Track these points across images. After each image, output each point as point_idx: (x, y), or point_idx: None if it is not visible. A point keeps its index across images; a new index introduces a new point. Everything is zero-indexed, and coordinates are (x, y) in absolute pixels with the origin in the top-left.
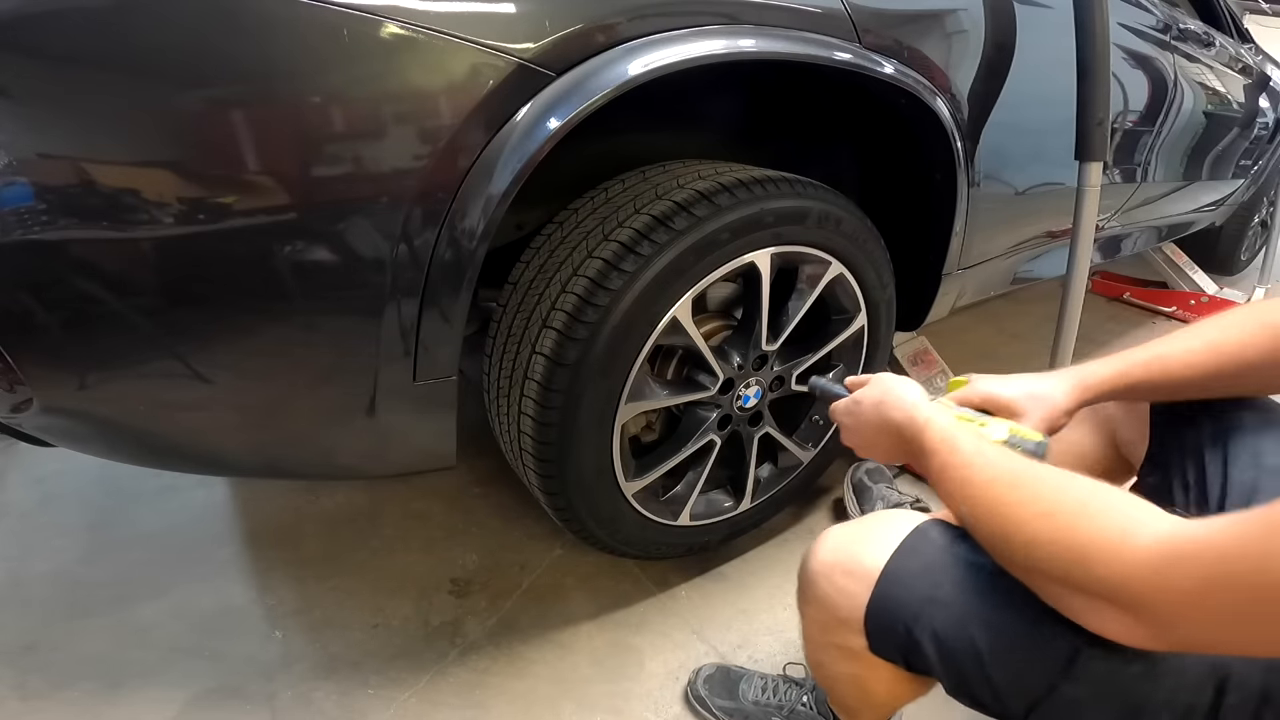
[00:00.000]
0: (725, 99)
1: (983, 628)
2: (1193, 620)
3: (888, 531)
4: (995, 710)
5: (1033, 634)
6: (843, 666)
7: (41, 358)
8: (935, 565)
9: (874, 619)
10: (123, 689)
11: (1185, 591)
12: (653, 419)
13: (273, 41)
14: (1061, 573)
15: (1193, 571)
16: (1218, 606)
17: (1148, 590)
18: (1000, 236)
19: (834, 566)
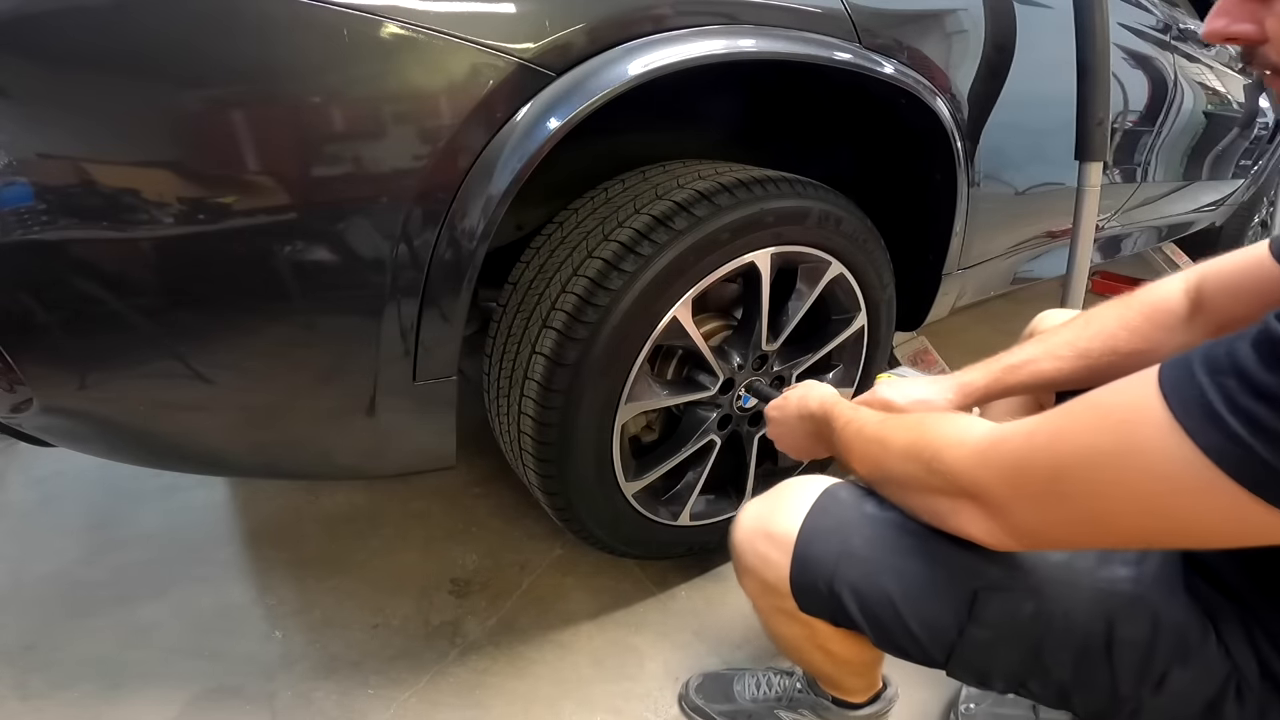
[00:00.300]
0: (725, 99)
1: (893, 577)
2: (1019, 506)
3: (800, 495)
4: (922, 659)
5: (935, 579)
6: (793, 629)
7: (41, 358)
8: (846, 522)
9: (797, 579)
10: (123, 689)
11: (1004, 476)
12: (653, 419)
13: (273, 41)
14: (920, 480)
15: (1006, 457)
16: (1031, 489)
17: (978, 478)
18: (1000, 236)
19: (755, 534)
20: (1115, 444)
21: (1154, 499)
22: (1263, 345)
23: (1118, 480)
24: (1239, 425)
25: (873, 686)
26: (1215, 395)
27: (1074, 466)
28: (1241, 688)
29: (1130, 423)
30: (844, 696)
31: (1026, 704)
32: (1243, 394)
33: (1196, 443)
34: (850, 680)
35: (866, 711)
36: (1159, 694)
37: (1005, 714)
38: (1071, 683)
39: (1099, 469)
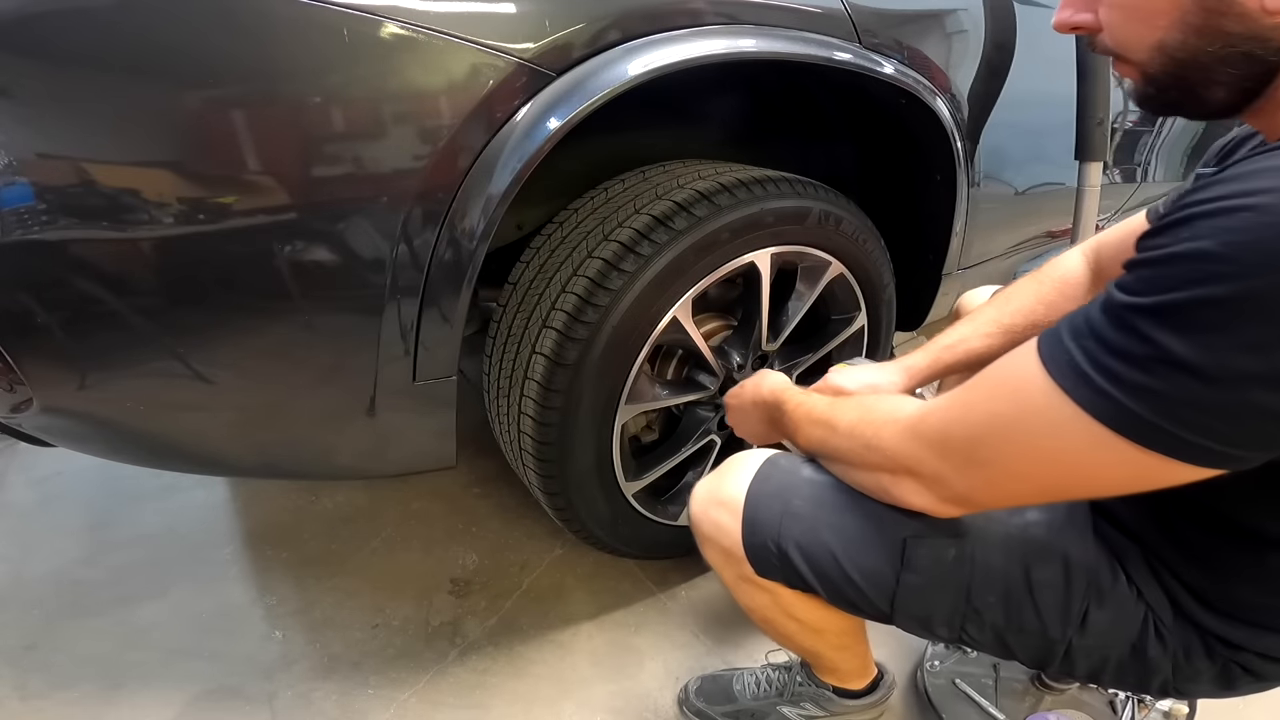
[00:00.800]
0: (726, 99)
1: (832, 532)
2: (948, 474)
3: (745, 465)
4: (870, 612)
5: (868, 531)
6: (759, 598)
7: (41, 358)
8: (786, 485)
9: (748, 541)
10: (123, 689)
11: (930, 449)
12: (653, 419)
13: (273, 41)
14: (862, 458)
15: (929, 432)
16: (954, 458)
17: (910, 453)
18: (1000, 236)
19: (708, 503)
20: (1013, 409)
21: (1053, 454)
22: (1109, 310)
23: (1021, 440)
24: (1103, 380)
25: (867, 671)
26: (1081, 357)
27: (985, 434)
28: (1159, 628)
29: (1021, 390)
30: (841, 683)
31: (988, 661)
32: (1101, 353)
33: (1074, 399)
34: (835, 657)
35: (867, 700)
36: (1084, 635)
37: (968, 671)
38: (1004, 626)
39: (1005, 433)
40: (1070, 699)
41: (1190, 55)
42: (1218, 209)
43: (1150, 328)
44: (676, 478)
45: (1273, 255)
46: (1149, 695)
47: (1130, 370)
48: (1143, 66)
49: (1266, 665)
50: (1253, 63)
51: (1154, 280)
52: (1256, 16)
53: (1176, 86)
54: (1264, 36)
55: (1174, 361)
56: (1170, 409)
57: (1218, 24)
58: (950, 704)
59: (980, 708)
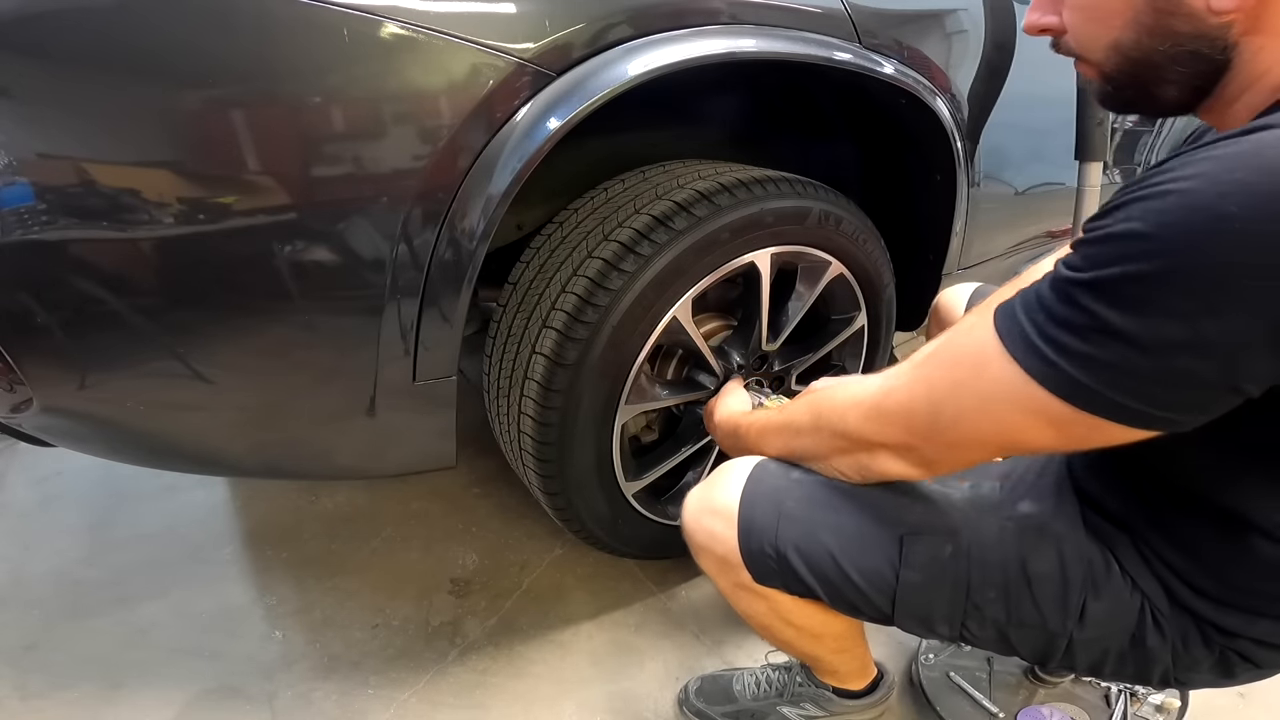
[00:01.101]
0: (726, 99)
1: (829, 533)
2: (919, 443)
3: (734, 473)
4: (871, 613)
5: (865, 530)
6: (757, 605)
7: (41, 358)
8: (779, 488)
9: (745, 547)
10: (123, 689)
11: (898, 423)
12: (653, 419)
13: (273, 41)
14: (833, 445)
15: (895, 408)
16: (921, 428)
17: (879, 431)
18: (1000, 236)
19: (700, 512)
20: (971, 380)
21: (1008, 417)
22: (1056, 285)
23: (980, 409)
24: (1050, 350)
25: (866, 671)
26: (1031, 329)
27: (946, 405)
28: (1157, 617)
29: (978, 361)
30: (841, 684)
31: (982, 654)
32: (1048, 325)
33: (1024, 368)
34: (835, 660)
35: (867, 700)
36: (1084, 628)
37: (961, 665)
38: (1005, 621)
39: (965, 403)
40: (1064, 692)
41: (1143, 54)
42: (1151, 193)
43: (1089, 300)
44: (676, 478)
45: (1194, 235)
46: (1150, 686)
47: (1073, 340)
48: (1100, 66)
49: (1263, 652)
50: (1200, 61)
51: (1092, 257)
52: (1203, 16)
53: (1131, 85)
54: (1210, 36)
55: (1111, 331)
56: (1110, 376)
57: (1168, 24)
58: (945, 697)
59: (975, 701)
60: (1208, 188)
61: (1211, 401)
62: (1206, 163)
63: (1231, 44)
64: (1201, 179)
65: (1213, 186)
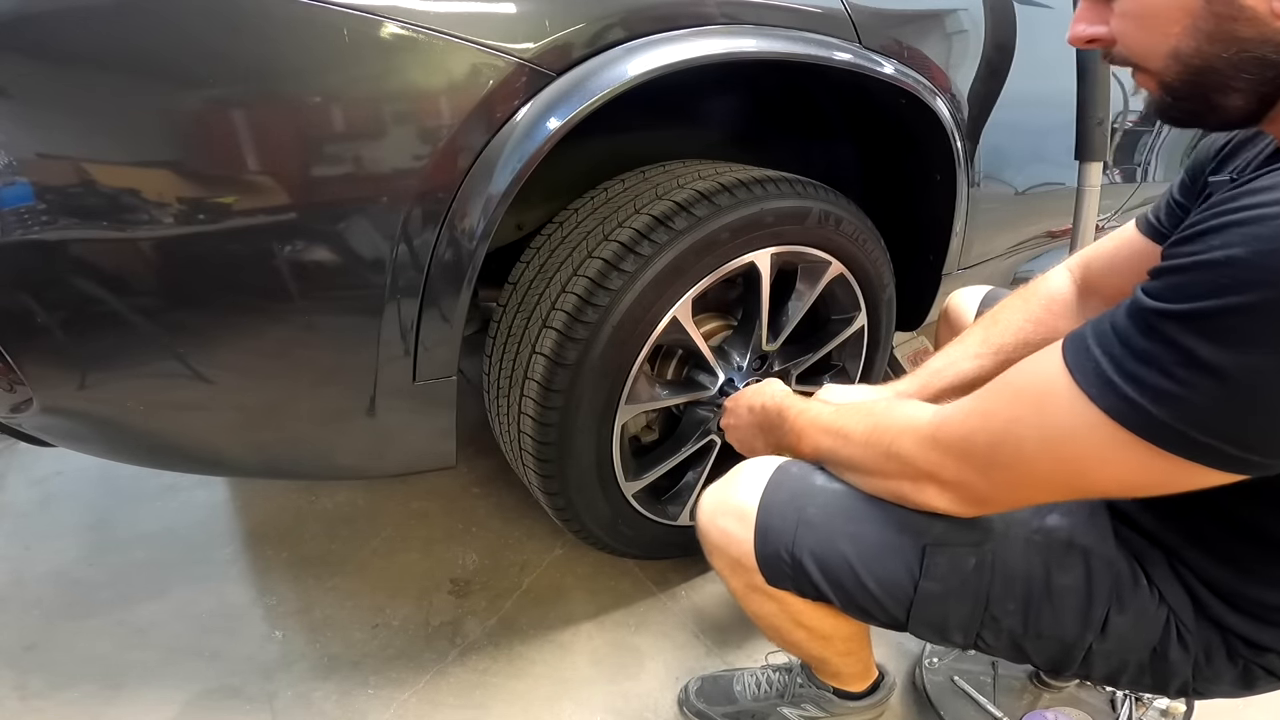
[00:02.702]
0: (726, 99)
1: (848, 541)
2: (970, 478)
3: (755, 474)
4: (886, 620)
5: (886, 540)
6: (768, 607)
7: (41, 358)
8: (800, 492)
9: (761, 550)
10: (123, 689)
11: (952, 455)
12: (653, 419)
13: (273, 41)
14: (880, 466)
15: (950, 439)
16: (975, 463)
17: (931, 460)
18: (1000, 236)
19: (715, 511)
20: (1036, 415)
21: (1077, 458)
22: (1135, 315)
23: (1045, 446)
24: (1128, 387)
25: (868, 673)
26: (1107, 364)
27: (1006, 439)
28: (1181, 630)
29: (1045, 396)
30: (843, 685)
31: (986, 659)
32: (1128, 359)
33: (1099, 406)
34: (840, 662)
35: (867, 701)
36: (1105, 640)
37: (965, 668)
38: (1022, 632)
39: (1026, 438)
40: (1068, 696)
41: (1205, 62)
42: (1249, 217)
43: (1179, 333)
44: (676, 478)
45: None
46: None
47: (1157, 376)
48: (1159, 75)
49: None
50: (1266, 67)
51: (1183, 287)
52: (1267, 20)
53: (1194, 95)
54: (1276, 40)
55: (1202, 367)
56: (1197, 415)
57: (1229, 29)
58: (949, 701)
59: (978, 705)
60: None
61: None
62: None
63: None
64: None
65: None
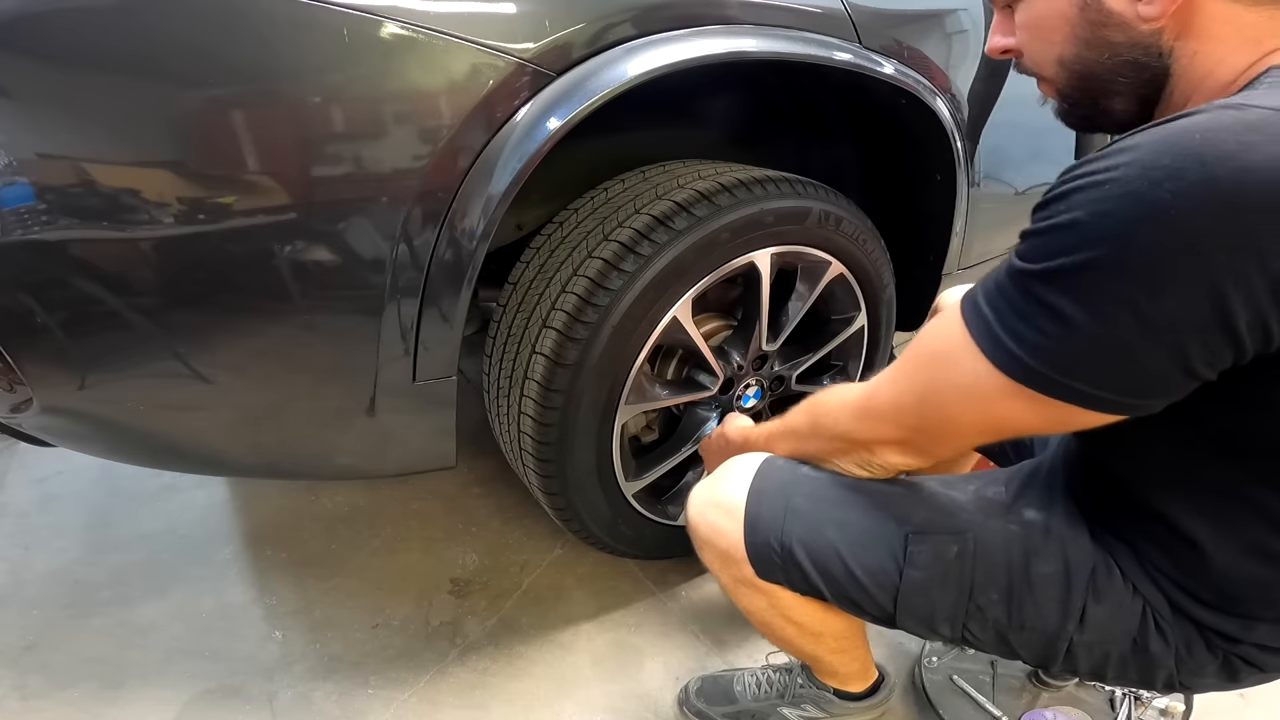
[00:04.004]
0: (726, 99)
1: (836, 528)
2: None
3: (742, 468)
4: (874, 611)
5: (871, 527)
6: (758, 601)
7: (41, 358)
8: (786, 482)
9: (750, 541)
10: (123, 689)
11: (887, 421)
12: (653, 419)
13: (273, 41)
14: (832, 447)
15: (881, 407)
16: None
17: (869, 430)
18: (1000, 236)
19: (705, 506)
20: (946, 371)
21: (983, 405)
22: (1010, 274)
23: (958, 397)
24: (1009, 339)
25: (867, 673)
26: (993, 318)
27: (927, 396)
28: (1159, 622)
29: (951, 353)
30: (842, 686)
31: (985, 658)
32: (1007, 314)
33: (989, 359)
34: (834, 660)
35: (868, 702)
36: (1084, 631)
37: (965, 668)
38: (1006, 623)
39: (944, 393)
40: (1067, 696)
41: (1085, 67)
42: (1089, 182)
43: (1041, 290)
44: (676, 478)
45: (1130, 222)
46: (1155, 690)
47: (1027, 329)
48: (1054, 83)
49: (1266, 656)
50: (1141, 69)
51: (1041, 248)
52: (1134, 24)
53: (1083, 100)
54: (1144, 43)
55: (1060, 318)
56: (1065, 363)
57: (1102, 34)
58: (948, 701)
59: (978, 704)
60: (1139, 174)
61: (1169, 384)
62: (1136, 150)
63: (1166, 50)
64: (1133, 166)
65: (1144, 173)
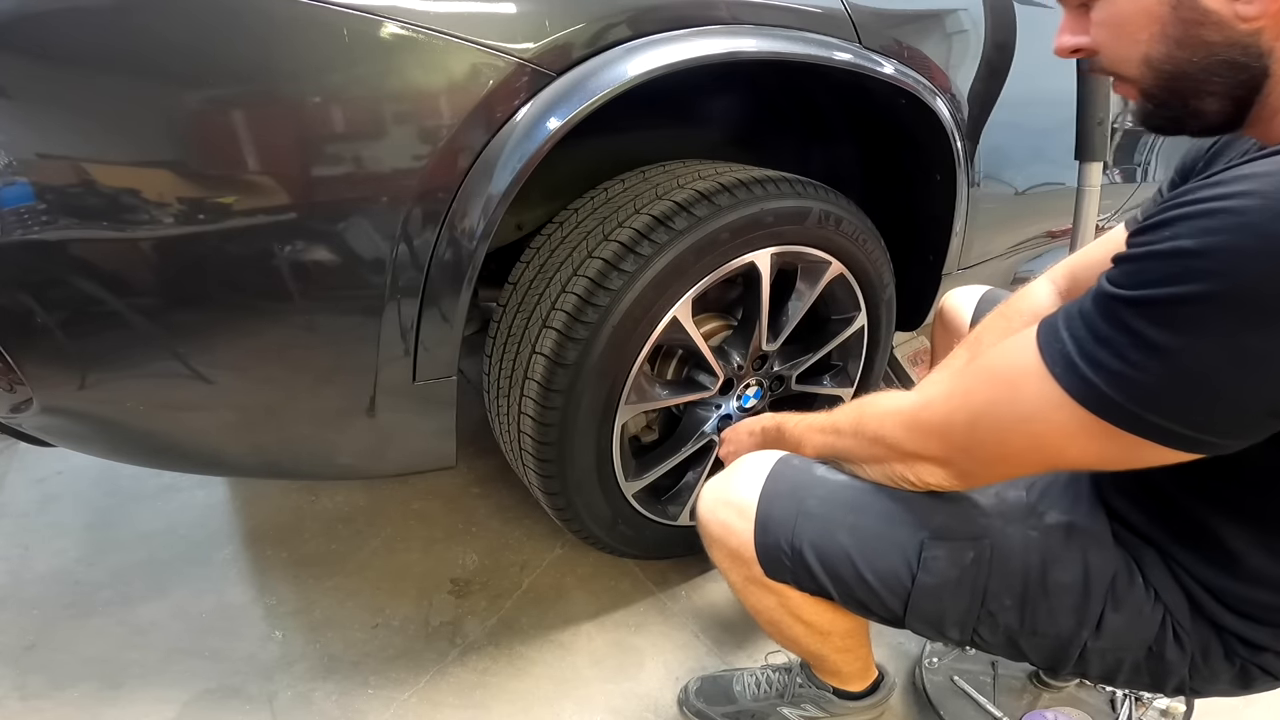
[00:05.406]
0: (726, 99)
1: (848, 532)
2: (953, 455)
3: (755, 467)
4: (883, 614)
5: (885, 533)
6: (767, 600)
7: (41, 358)
8: (801, 484)
9: (760, 541)
10: (123, 689)
11: (934, 435)
12: (653, 419)
13: (273, 41)
14: (871, 453)
15: (932, 420)
16: (957, 441)
17: (915, 441)
18: (1000, 236)
19: (716, 504)
20: (1009, 394)
21: (1044, 435)
22: (1097, 300)
23: (1016, 424)
24: (1087, 368)
25: (868, 672)
26: (1071, 345)
27: (983, 417)
28: (1178, 630)
29: (1018, 376)
30: (842, 685)
31: (986, 658)
32: (1088, 341)
33: (1062, 386)
34: (839, 659)
35: (867, 702)
36: (1100, 638)
37: (965, 668)
38: (1018, 629)
39: (1002, 417)
40: (1068, 696)
41: (1176, 67)
42: (1200, 210)
43: (1132, 318)
44: (676, 478)
45: (1244, 257)
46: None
47: (1112, 358)
48: (1138, 83)
49: None
50: (1237, 70)
51: (1136, 274)
52: (1232, 24)
53: (1171, 101)
54: (1243, 43)
55: (1151, 350)
56: (1147, 396)
57: (1197, 34)
58: (949, 701)
59: (978, 705)
60: (1259, 206)
61: (1252, 426)
62: (1258, 180)
63: (1266, 50)
64: (1254, 197)
65: (1265, 205)
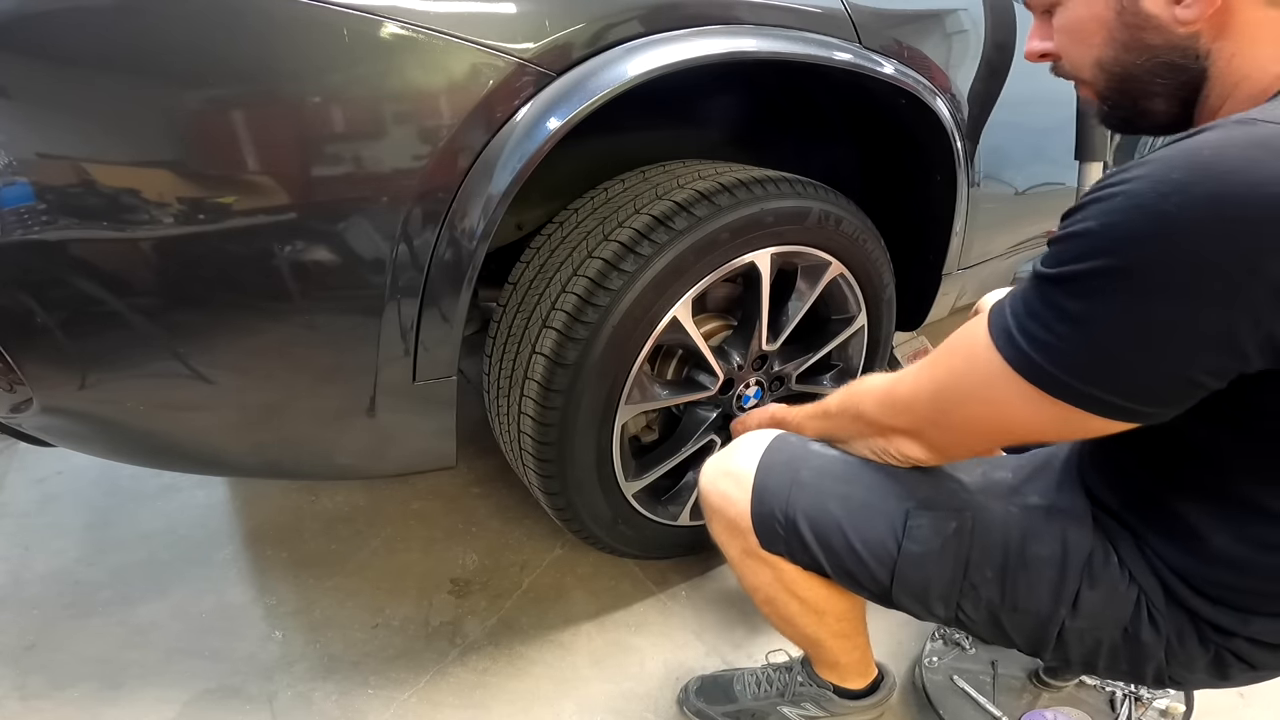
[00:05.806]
0: (726, 99)
1: (838, 502)
2: (925, 429)
3: (755, 441)
4: (870, 585)
5: (873, 502)
6: (763, 574)
7: (41, 358)
8: (795, 456)
9: (756, 510)
10: (123, 689)
11: (904, 412)
12: (653, 419)
13: (273, 41)
14: (855, 429)
15: (901, 398)
16: (925, 416)
17: (890, 415)
18: (1000, 236)
19: (716, 475)
20: (966, 370)
21: (998, 407)
22: (1032, 279)
23: (973, 396)
24: (1023, 340)
25: (868, 669)
26: (1011, 321)
27: (944, 392)
28: (1152, 612)
29: (972, 353)
30: (842, 682)
31: (986, 658)
32: (1024, 317)
33: (1004, 358)
34: (836, 646)
35: (867, 701)
36: (1076, 616)
37: (965, 668)
38: (1000, 603)
39: (961, 390)
40: (1068, 696)
41: (1124, 69)
42: (1104, 194)
43: (1052, 293)
44: (677, 478)
45: (1136, 233)
46: (1146, 684)
47: (1040, 329)
48: (1093, 86)
49: (1259, 652)
50: (1179, 71)
51: (1056, 254)
52: (1171, 28)
53: (1122, 102)
54: (1182, 46)
55: (1070, 321)
56: (1074, 364)
57: (1140, 37)
58: (948, 701)
59: (978, 704)
60: (1149, 188)
61: (1172, 394)
62: (1151, 164)
63: (1204, 52)
64: (1144, 180)
65: (1153, 187)
